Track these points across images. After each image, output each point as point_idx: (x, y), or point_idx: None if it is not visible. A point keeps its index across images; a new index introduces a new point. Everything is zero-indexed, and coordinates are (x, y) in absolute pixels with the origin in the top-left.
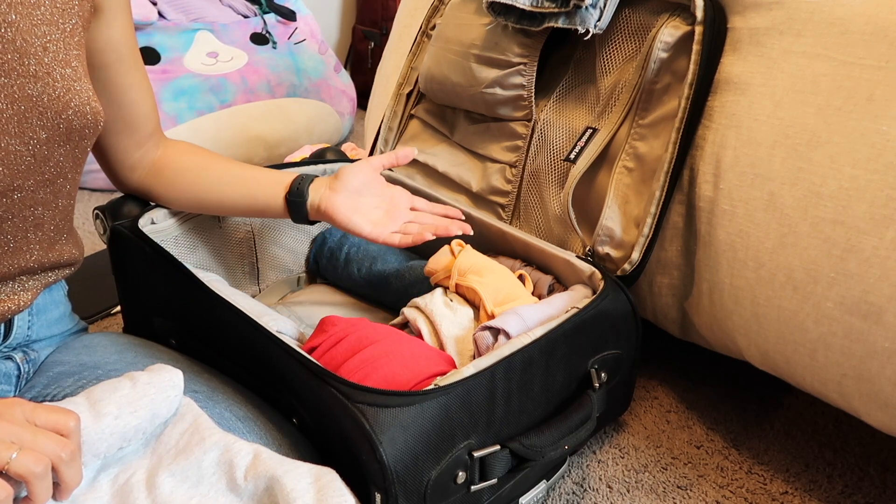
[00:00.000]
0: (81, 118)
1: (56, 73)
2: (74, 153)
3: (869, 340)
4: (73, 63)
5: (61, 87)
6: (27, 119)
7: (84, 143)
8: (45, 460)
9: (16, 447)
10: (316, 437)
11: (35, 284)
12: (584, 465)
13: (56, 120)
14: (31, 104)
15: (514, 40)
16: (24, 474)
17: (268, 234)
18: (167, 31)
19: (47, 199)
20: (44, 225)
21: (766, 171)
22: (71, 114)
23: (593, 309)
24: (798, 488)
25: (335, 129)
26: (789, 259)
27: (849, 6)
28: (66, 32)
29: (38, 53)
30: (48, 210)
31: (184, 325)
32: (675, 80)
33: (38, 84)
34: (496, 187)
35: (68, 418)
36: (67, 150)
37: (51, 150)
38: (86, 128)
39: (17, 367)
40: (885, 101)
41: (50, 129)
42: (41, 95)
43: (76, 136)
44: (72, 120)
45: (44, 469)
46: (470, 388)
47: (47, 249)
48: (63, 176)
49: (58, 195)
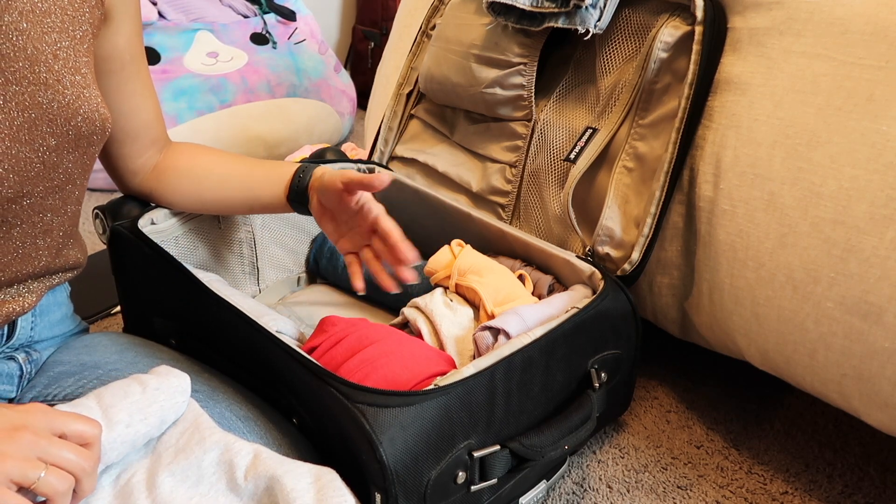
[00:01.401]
0: (90, 125)
1: (66, 80)
2: (83, 159)
3: (869, 340)
4: (83, 70)
5: (71, 95)
6: (37, 126)
7: (92, 149)
8: (70, 479)
9: (42, 466)
10: (316, 437)
11: (40, 287)
12: (584, 465)
13: (65, 127)
14: (41, 111)
15: (514, 40)
16: (51, 494)
17: (268, 234)
18: (167, 31)
19: (56, 206)
20: (52, 231)
21: (766, 171)
22: (80, 121)
23: (593, 309)
24: (798, 488)
25: (335, 129)
26: (789, 259)
27: (849, 6)
28: (76, 40)
29: (48, 61)
30: (57, 216)
31: (184, 325)
32: (675, 80)
33: (49, 91)
34: (496, 187)
35: (93, 428)
36: (76, 156)
37: (60, 156)
38: (94, 134)
39: (19, 367)
40: (885, 101)
41: (59, 136)
42: (51, 103)
43: (84, 143)
44: (81, 127)
45: (68, 487)
46: (470, 388)
47: (55, 255)
48: (72, 182)
49: (66, 201)
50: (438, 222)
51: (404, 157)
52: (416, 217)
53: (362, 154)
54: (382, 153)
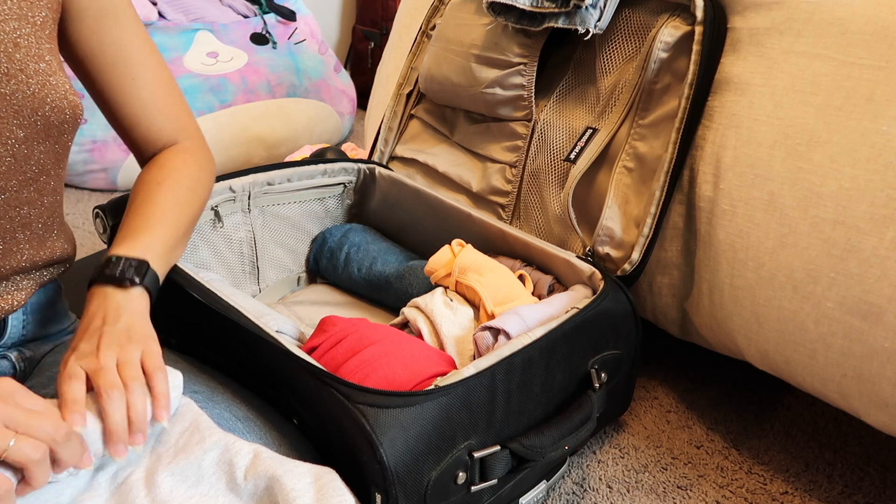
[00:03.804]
0: (59, 113)
1: (29, 68)
2: (55, 149)
3: (869, 340)
4: (47, 57)
5: (36, 84)
6: (3, 119)
7: (64, 137)
8: (42, 446)
9: (12, 433)
10: (316, 437)
11: (29, 284)
12: (584, 465)
13: (33, 117)
14: (6, 103)
15: (514, 40)
16: (23, 461)
17: (268, 233)
18: (167, 31)
19: (32, 198)
20: (31, 223)
21: (766, 171)
22: (48, 110)
23: (593, 309)
24: (798, 488)
25: (335, 129)
26: (789, 259)
27: (849, 6)
28: (36, 26)
29: (8, 50)
30: (34, 209)
31: (184, 324)
32: (675, 80)
33: (12, 82)
34: (496, 187)
35: (56, 409)
36: (47, 146)
37: (30, 148)
38: (64, 123)
39: (12, 366)
40: (885, 101)
41: (27, 127)
42: (15, 93)
43: (55, 132)
44: (49, 116)
45: (42, 455)
46: (470, 389)
47: (38, 247)
48: (46, 173)
49: (42, 193)
50: (438, 222)
51: (404, 157)
52: (416, 217)
53: (362, 154)
54: (382, 153)
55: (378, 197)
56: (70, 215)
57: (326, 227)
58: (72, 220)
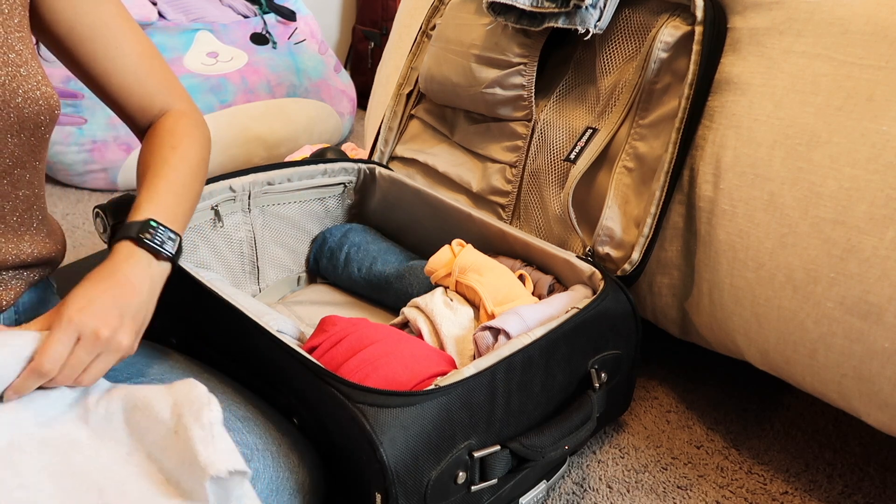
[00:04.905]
0: (32, 104)
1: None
2: (30, 142)
3: (869, 340)
4: (17, 46)
5: (5, 74)
6: None
7: (40, 130)
8: None
9: None
10: (316, 437)
11: (17, 283)
12: (584, 465)
13: (5, 109)
14: None
15: (514, 40)
16: None
17: (268, 233)
18: (167, 31)
19: (6, 191)
20: (5, 217)
21: (766, 171)
22: (20, 101)
23: (593, 309)
24: (798, 488)
25: (335, 129)
26: (789, 259)
27: (849, 6)
28: (4, 15)
29: None
30: (8, 202)
31: (184, 324)
32: (675, 80)
33: None
34: (496, 187)
35: None
36: (22, 139)
37: (2, 141)
38: (39, 115)
39: None
40: (885, 101)
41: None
42: None
43: (30, 125)
44: (22, 108)
45: None
46: (470, 389)
47: (15, 242)
48: (20, 166)
49: (17, 186)
50: (438, 222)
51: (404, 157)
52: (416, 217)
53: (362, 154)
54: (382, 153)
55: (378, 197)
56: (70, 215)
57: (326, 226)
58: (72, 220)
